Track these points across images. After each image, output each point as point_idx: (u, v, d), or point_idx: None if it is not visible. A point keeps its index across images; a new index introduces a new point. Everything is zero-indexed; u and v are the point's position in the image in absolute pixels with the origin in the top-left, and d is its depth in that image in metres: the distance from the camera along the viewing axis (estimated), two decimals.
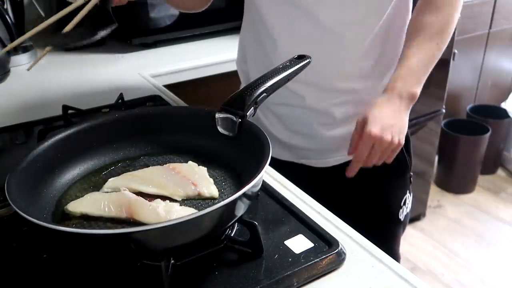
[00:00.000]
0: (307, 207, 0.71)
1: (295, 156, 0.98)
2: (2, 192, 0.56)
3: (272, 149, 0.93)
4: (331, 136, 0.93)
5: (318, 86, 0.89)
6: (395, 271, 0.60)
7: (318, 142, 0.94)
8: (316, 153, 0.96)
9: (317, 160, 0.97)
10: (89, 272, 0.58)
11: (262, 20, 0.89)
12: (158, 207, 0.60)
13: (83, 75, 1.34)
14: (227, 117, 0.66)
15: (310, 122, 0.92)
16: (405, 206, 1.03)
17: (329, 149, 0.95)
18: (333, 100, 0.90)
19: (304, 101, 0.90)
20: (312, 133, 0.93)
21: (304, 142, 0.95)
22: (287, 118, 0.95)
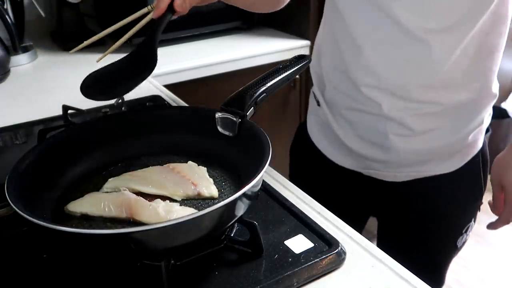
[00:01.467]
0: (307, 207, 0.71)
1: (362, 166, 0.92)
2: (2, 192, 0.56)
3: (338, 156, 0.94)
4: (404, 148, 0.85)
5: (397, 94, 0.81)
6: (395, 271, 0.60)
7: (390, 154, 0.86)
8: (387, 165, 0.89)
9: (385, 173, 0.90)
10: (89, 272, 0.58)
11: (344, 23, 0.83)
12: (158, 207, 0.60)
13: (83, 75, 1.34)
14: (227, 117, 0.66)
15: (385, 132, 0.85)
16: (466, 234, 0.98)
17: (401, 163, 0.88)
18: (413, 110, 0.82)
19: (380, 108, 0.83)
20: (385, 144, 0.86)
21: (375, 152, 0.88)
22: (359, 125, 0.88)
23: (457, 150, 0.87)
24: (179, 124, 0.76)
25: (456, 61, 0.77)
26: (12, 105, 1.16)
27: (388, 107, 0.82)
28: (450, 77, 0.79)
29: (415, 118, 0.82)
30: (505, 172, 0.83)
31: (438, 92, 0.80)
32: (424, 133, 0.84)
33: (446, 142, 0.85)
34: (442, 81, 0.79)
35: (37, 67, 1.43)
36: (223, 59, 1.45)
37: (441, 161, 0.87)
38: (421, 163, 0.87)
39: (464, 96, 0.82)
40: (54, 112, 1.02)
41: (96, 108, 1.03)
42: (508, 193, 0.84)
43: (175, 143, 0.75)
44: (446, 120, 0.83)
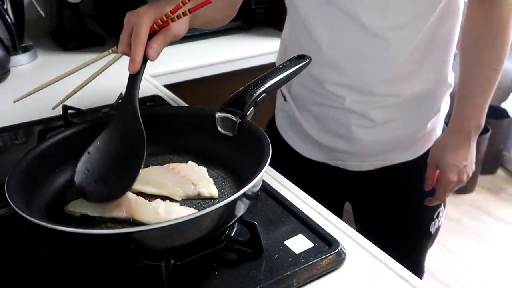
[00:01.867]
0: (307, 207, 0.71)
1: (330, 157, 0.96)
2: (2, 192, 0.56)
3: (305, 149, 0.97)
4: (368, 139, 0.90)
5: (359, 89, 0.86)
6: (395, 271, 0.60)
7: (355, 144, 0.91)
8: (352, 156, 0.93)
9: (351, 163, 0.95)
10: (89, 272, 0.58)
11: (303, 23, 0.86)
12: (158, 207, 0.60)
13: (83, 75, 1.33)
14: (227, 117, 0.66)
15: (349, 124, 0.89)
16: (438, 219, 1.02)
17: (366, 153, 0.92)
18: (373, 103, 0.87)
19: (343, 102, 0.88)
20: (350, 135, 0.90)
21: (341, 144, 0.93)
22: (325, 119, 0.92)
23: (418, 138, 0.92)
24: (179, 124, 0.76)
25: (411, 54, 0.82)
26: (12, 105, 1.16)
27: (350, 101, 0.87)
28: (407, 70, 0.84)
29: (376, 110, 0.87)
30: (441, 154, 0.89)
31: (396, 85, 0.85)
32: (385, 124, 0.89)
33: (407, 131, 0.90)
34: (399, 74, 0.84)
35: (37, 67, 1.43)
36: (223, 59, 1.45)
37: (403, 149, 0.93)
38: (384, 152, 0.92)
39: (420, 87, 0.87)
40: (54, 112, 1.02)
41: (96, 108, 1.04)
42: (443, 173, 0.89)
43: (175, 143, 0.75)
44: (405, 111, 0.88)
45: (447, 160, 0.88)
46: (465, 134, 0.87)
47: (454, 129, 0.88)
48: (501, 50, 0.83)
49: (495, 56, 0.83)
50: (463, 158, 0.89)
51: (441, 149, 0.90)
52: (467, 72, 0.86)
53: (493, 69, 0.84)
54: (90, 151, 0.63)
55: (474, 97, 0.86)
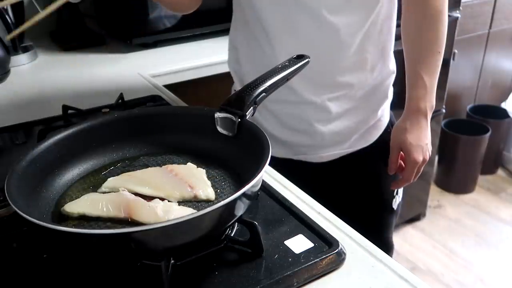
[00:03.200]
0: (307, 207, 0.71)
1: (292, 152, 0.99)
2: (2, 192, 0.56)
3: None
4: (327, 131, 0.94)
5: (315, 81, 0.90)
6: (395, 271, 0.60)
7: (314, 138, 0.95)
8: (313, 148, 0.97)
9: (314, 156, 0.98)
10: (89, 272, 0.58)
11: (257, 18, 0.89)
12: (157, 207, 0.60)
13: (83, 75, 1.34)
14: (227, 117, 0.66)
15: (307, 119, 0.93)
16: (398, 195, 1.08)
17: (326, 145, 0.97)
18: (330, 94, 0.91)
19: (301, 96, 0.91)
20: (309, 129, 0.94)
21: (301, 139, 0.96)
22: (283, 115, 0.95)
23: (371, 125, 0.98)
24: (179, 124, 0.76)
25: (361, 44, 0.88)
26: (12, 105, 1.16)
27: (308, 94, 0.91)
28: (358, 59, 0.89)
29: (332, 102, 0.92)
30: (403, 136, 0.93)
31: (350, 75, 0.90)
32: (342, 115, 0.94)
33: (361, 119, 0.96)
34: (352, 64, 0.89)
35: (37, 67, 1.43)
36: (223, 59, 1.44)
37: (359, 137, 0.98)
38: (341, 142, 0.97)
39: (370, 76, 0.92)
40: (54, 112, 1.02)
41: (96, 108, 1.04)
42: (407, 154, 0.93)
43: (175, 143, 0.75)
44: (359, 100, 0.93)
45: (410, 141, 0.92)
46: (422, 114, 0.92)
47: (411, 111, 0.92)
48: (441, 34, 0.90)
49: (436, 41, 0.90)
50: (425, 137, 0.93)
51: (402, 132, 0.93)
52: (414, 58, 0.91)
53: (436, 52, 0.90)
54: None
55: (424, 79, 0.90)
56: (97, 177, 0.70)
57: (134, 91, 1.17)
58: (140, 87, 1.23)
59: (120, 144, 0.75)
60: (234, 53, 1.01)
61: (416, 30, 0.90)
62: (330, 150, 0.97)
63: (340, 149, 0.97)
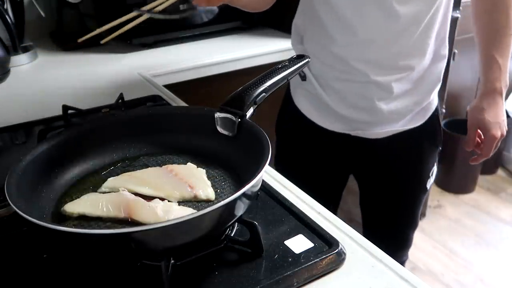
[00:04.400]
0: (307, 207, 0.71)
1: (350, 128, 1.05)
2: (2, 192, 0.56)
3: (329, 122, 1.06)
4: (387, 109, 1.00)
5: (381, 64, 0.96)
6: (395, 271, 0.60)
7: (375, 115, 1.01)
8: (372, 125, 1.03)
9: (371, 132, 1.04)
10: (89, 272, 0.58)
11: (329, 3, 0.94)
12: (157, 207, 0.60)
13: (83, 75, 1.34)
14: (227, 117, 0.66)
15: (371, 97, 0.99)
16: (432, 177, 1.15)
17: (383, 122, 1.02)
18: (393, 76, 0.97)
19: (367, 77, 0.96)
20: (372, 107, 1.00)
21: (362, 116, 1.02)
22: (347, 93, 1.01)
23: (423, 106, 1.04)
24: (178, 124, 0.76)
25: (423, 31, 0.93)
26: (12, 105, 1.16)
27: (374, 75, 0.96)
28: (420, 45, 0.95)
29: (395, 83, 0.97)
30: (481, 115, 1.01)
31: (412, 59, 0.96)
32: (401, 95, 0.99)
33: (416, 100, 1.01)
34: (414, 49, 0.95)
35: (37, 67, 1.43)
36: (223, 59, 1.45)
37: (412, 117, 1.04)
38: (397, 120, 1.02)
39: (428, 60, 0.99)
40: (54, 112, 1.02)
41: (96, 108, 1.04)
42: (486, 131, 1.01)
43: (175, 143, 0.75)
44: (417, 82, 0.99)
45: (488, 119, 1.00)
46: (498, 93, 1.00)
47: (488, 91, 1.00)
48: (511, 17, 0.97)
49: (506, 24, 0.97)
50: (502, 114, 1.02)
51: (480, 111, 1.01)
52: (487, 41, 1.00)
53: (508, 34, 0.98)
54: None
55: (498, 61, 0.98)
56: (97, 177, 0.70)
57: (134, 91, 1.17)
58: (140, 87, 1.23)
59: (120, 144, 0.75)
60: (298, 35, 1.08)
61: (488, 16, 0.98)
62: (386, 127, 1.03)
63: (395, 127, 1.03)
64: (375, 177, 1.16)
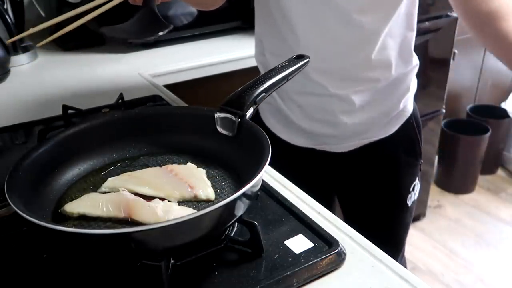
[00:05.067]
0: (307, 207, 0.71)
1: (314, 142, 1.02)
2: (2, 192, 0.56)
3: (293, 137, 1.02)
4: (350, 122, 0.97)
5: (340, 75, 0.93)
6: (395, 271, 0.60)
7: (338, 128, 0.98)
8: (336, 139, 1.00)
9: (336, 146, 1.01)
10: (89, 272, 0.58)
11: (283, 15, 0.90)
12: (157, 207, 0.60)
13: (83, 75, 1.34)
14: (227, 117, 0.66)
15: (333, 110, 0.96)
16: (414, 192, 1.08)
17: (348, 135, 1.00)
18: (354, 88, 0.94)
19: (326, 89, 0.94)
20: (334, 120, 0.97)
21: (325, 129, 0.99)
22: (309, 107, 0.98)
23: (392, 116, 0.99)
24: (179, 124, 0.76)
25: (384, 40, 0.89)
26: (12, 105, 1.16)
27: (334, 87, 0.93)
28: (381, 55, 0.91)
29: (357, 95, 0.94)
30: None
31: (374, 71, 0.92)
32: (365, 106, 0.96)
33: (383, 110, 0.98)
34: (376, 60, 0.91)
35: (37, 67, 1.43)
36: (223, 59, 1.45)
37: (379, 128, 1.00)
38: (363, 132, 0.99)
39: (394, 71, 0.94)
40: (54, 112, 1.02)
41: (95, 108, 1.04)
42: None
43: (175, 143, 0.75)
44: (382, 93, 0.95)
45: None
46: None
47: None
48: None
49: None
50: None
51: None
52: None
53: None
54: None
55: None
56: (97, 177, 0.70)
57: (134, 91, 1.17)
58: (140, 87, 1.23)
59: (120, 144, 0.75)
60: (259, 46, 1.04)
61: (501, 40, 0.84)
62: (351, 140, 1.00)
63: (361, 138, 1.00)
64: (351, 194, 1.11)
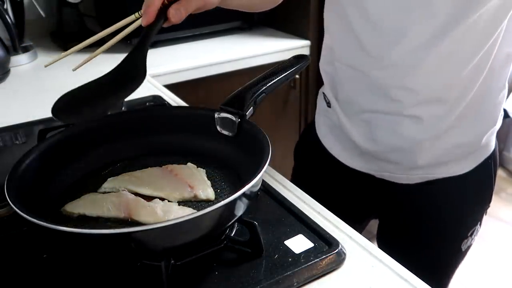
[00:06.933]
0: (307, 207, 0.71)
1: (375, 168, 0.91)
2: (2, 192, 0.56)
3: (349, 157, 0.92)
4: (422, 151, 0.84)
5: (424, 95, 0.79)
6: (395, 271, 0.60)
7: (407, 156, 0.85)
8: (401, 167, 0.88)
9: (400, 176, 0.89)
10: (89, 272, 0.58)
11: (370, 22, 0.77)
12: (157, 207, 0.60)
13: (83, 75, 1.34)
14: (227, 117, 0.66)
15: (403, 133, 0.83)
16: (471, 237, 0.95)
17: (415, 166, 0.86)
18: (435, 111, 0.80)
19: (403, 109, 0.81)
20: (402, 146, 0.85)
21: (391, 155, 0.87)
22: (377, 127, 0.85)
23: (470, 151, 0.85)
24: (179, 124, 0.76)
25: (479, 62, 0.75)
26: (12, 105, 1.16)
27: (411, 107, 0.79)
28: (471, 77, 0.77)
29: (436, 119, 0.80)
30: None
31: (458, 92, 0.78)
32: (442, 134, 0.81)
33: (460, 143, 0.83)
34: (467, 78, 0.76)
35: (37, 67, 1.43)
36: (223, 59, 1.45)
37: (454, 162, 0.86)
38: (434, 165, 0.85)
39: (480, 97, 0.80)
40: None
41: None
42: None
43: (175, 143, 0.75)
44: (462, 121, 0.81)
45: None
46: None
47: None
48: None
49: None
50: None
51: None
52: None
53: None
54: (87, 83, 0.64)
55: None
56: (97, 177, 0.70)
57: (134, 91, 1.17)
58: (140, 87, 1.23)
59: (120, 144, 0.75)
60: (329, 55, 0.91)
61: None
62: (419, 171, 0.86)
63: (430, 172, 0.86)
64: (395, 228, 0.99)
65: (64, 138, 0.70)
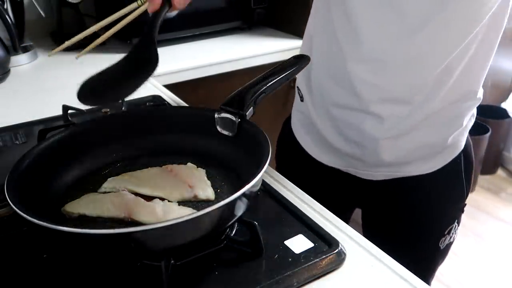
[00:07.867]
0: (307, 207, 0.71)
1: (342, 163, 0.92)
2: (2, 192, 0.56)
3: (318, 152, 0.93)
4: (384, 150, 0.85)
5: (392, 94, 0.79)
6: (395, 271, 0.60)
7: (369, 153, 0.87)
8: (365, 164, 0.89)
9: (364, 172, 0.91)
10: (89, 272, 0.58)
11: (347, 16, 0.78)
12: (157, 207, 0.60)
13: (83, 75, 1.34)
14: (227, 117, 0.66)
15: (364, 130, 0.84)
16: (449, 235, 0.95)
17: (380, 163, 0.87)
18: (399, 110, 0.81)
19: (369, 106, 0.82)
20: (363, 143, 0.86)
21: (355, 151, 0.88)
22: (344, 123, 0.87)
23: (438, 151, 0.86)
24: (179, 124, 0.76)
25: (453, 61, 0.75)
26: (12, 105, 1.16)
27: (375, 105, 0.80)
28: (443, 78, 0.77)
29: (401, 117, 0.80)
30: None
31: (430, 92, 0.78)
32: (407, 133, 0.82)
33: (426, 143, 0.84)
34: (434, 82, 0.77)
35: (37, 67, 1.43)
36: (223, 59, 1.45)
37: (422, 161, 0.86)
38: (399, 164, 0.86)
39: (447, 102, 0.80)
40: (54, 112, 1.02)
41: (96, 108, 1.04)
42: None
43: (175, 143, 0.75)
44: (430, 122, 0.81)
45: None
46: None
47: None
48: None
49: None
50: None
51: None
52: None
53: None
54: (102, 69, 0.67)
55: None
56: (97, 177, 0.70)
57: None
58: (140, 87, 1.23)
59: (120, 144, 0.75)
60: (308, 43, 0.91)
61: None
62: (383, 169, 0.88)
63: (394, 170, 0.87)
64: (376, 219, 1.00)
65: (64, 138, 0.70)
